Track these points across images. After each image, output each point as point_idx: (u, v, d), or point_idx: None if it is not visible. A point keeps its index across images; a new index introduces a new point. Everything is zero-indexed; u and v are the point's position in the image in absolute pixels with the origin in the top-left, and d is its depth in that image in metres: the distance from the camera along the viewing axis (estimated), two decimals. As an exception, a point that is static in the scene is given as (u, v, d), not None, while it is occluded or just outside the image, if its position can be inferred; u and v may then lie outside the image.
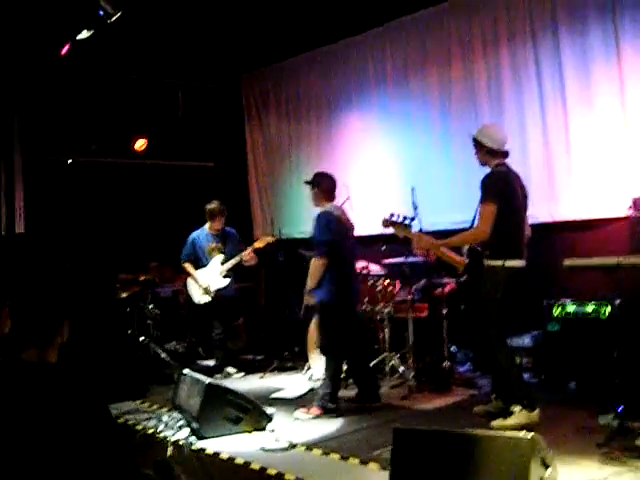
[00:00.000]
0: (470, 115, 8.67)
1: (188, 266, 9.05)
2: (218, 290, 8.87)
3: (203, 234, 9.11)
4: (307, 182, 7.33)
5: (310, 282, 6.93)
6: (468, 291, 6.72)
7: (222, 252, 8.95)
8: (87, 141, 10.32)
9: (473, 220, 6.29)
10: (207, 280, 8.89)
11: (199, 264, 9.03)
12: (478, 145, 6.31)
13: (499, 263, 5.97)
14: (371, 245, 8.71)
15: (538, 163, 8.13)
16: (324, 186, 7.17)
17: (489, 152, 6.24)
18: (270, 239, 8.96)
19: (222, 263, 8.87)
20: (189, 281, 9.14)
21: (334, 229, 6.92)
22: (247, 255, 8.78)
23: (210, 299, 8.89)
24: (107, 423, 2.31)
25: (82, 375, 2.31)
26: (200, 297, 8.98)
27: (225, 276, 8.87)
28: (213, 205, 8.97)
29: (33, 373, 2.26)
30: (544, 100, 8.10)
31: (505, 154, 6.28)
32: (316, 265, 6.86)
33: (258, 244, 8.87)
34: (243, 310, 9.49)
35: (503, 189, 6.07)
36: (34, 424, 2.16)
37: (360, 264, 8.44)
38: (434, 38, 9.19)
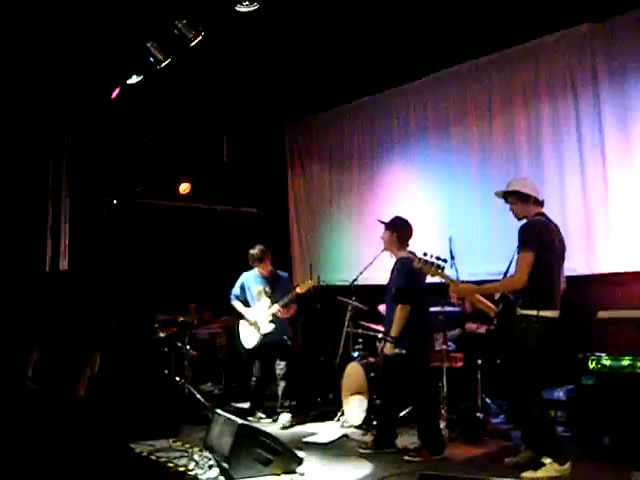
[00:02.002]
0: (510, 167, 8.71)
1: (237, 304, 8.98)
2: (264, 335, 8.71)
3: (252, 276, 9.00)
4: (384, 222, 7.29)
5: (395, 330, 6.84)
6: (498, 339, 6.68)
7: (269, 296, 8.78)
8: (134, 183, 10.52)
9: (507, 269, 6.28)
10: (256, 318, 8.79)
11: (247, 306, 8.96)
12: (518, 197, 6.27)
13: (533, 313, 5.92)
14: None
15: (576, 216, 8.12)
16: (405, 234, 7.19)
17: (534, 202, 6.22)
18: (312, 283, 8.64)
19: (269, 307, 8.70)
20: (241, 325, 9.00)
21: (416, 276, 6.88)
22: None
23: (259, 337, 8.73)
24: (126, 461, 2.34)
25: (106, 412, 2.35)
26: (251, 342, 8.82)
27: (271, 321, 8.67)
28: (252, 251, 8.88)
29: (61, 406, 2.30)
30: (583, 153, 8.12)
31: (542, 203, 6.28)
32: (403, 313, 6.81)
33: (300, 289, 8.59)
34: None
35: (542, 238, 6.03)
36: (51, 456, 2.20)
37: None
38: (475, 91, 9.31)
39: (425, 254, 6.61)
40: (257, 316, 8.78)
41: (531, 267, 5.90)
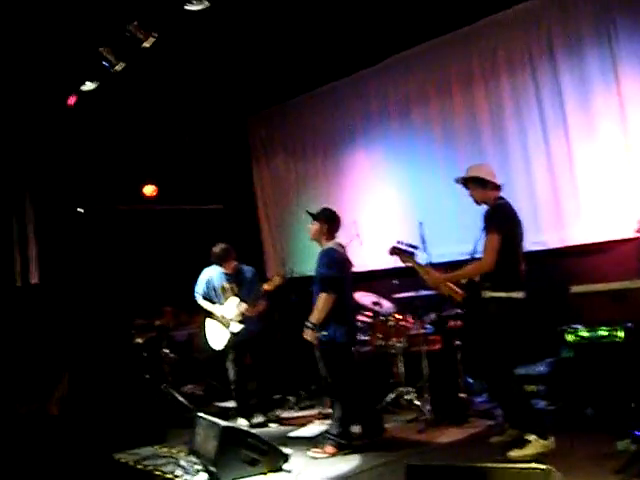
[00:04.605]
0: (473, 146, 8.72)
1: (204, 302, 8.71)
2: (234, 334, 8.43)
3: (217, 273, 8.74)
4: (312, 214, 7.21)
5: (317, 316, 6.77)
6: (469, 323, 6.75)
7: (236, 294, 8.52)
8: (97, 189, 10.41)
9: (472, 252, 6.31)
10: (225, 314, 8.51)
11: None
12: (477, 183, 6.35)
13: (502, 295, 6.03)
14: (382, 280, 8.70)
15: (544, 190, 8.16)
16: (335, 225, 7.14)
17: (493, 187, 6.31)
18: (279, 281, 8.26)
19: (237, 306, 8.39)
20: (207, 324, 8.73)
21: (340, 266, 6.95)
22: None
23: (229, 336, 8.44)
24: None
25: (85, 428, 2.32)
26: (220, 343, 8.55)
27: (240, 321, 8.38)
28: (215, 249, 8.63)
29: (33, 426, 2.28)
30: (546, 127, 8.13)
31: (500, 187, 6.36)
32: (326, 300, 6.74)
33: (267, 286, 8.25)
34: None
35: (507, 221, 6.16)
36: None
37: (372, 299, 8.44)
38: (434, 71, 9.27)
39: (399, 242, 6.67)
40: (226, 314, 8.54)
41: (498, 250, 5.98)
